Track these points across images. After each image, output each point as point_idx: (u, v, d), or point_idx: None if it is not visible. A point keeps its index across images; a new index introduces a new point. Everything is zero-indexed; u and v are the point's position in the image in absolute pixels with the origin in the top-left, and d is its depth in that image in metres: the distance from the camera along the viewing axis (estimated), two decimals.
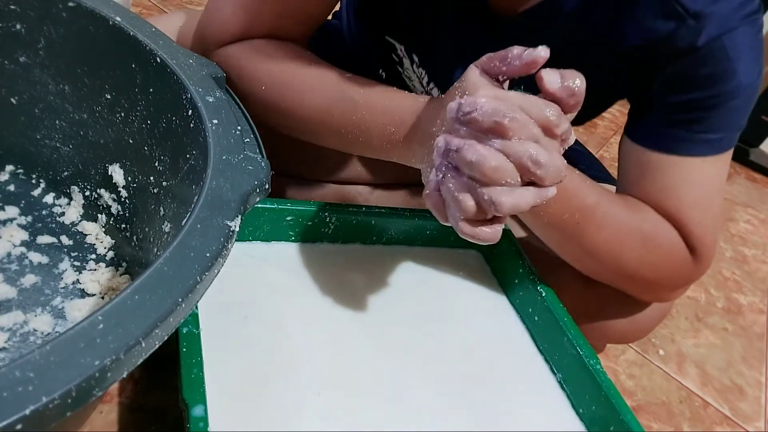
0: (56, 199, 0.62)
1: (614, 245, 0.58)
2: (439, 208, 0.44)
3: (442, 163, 0.43)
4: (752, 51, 0.55)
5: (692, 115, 0.56)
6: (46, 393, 0.25)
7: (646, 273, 0.60)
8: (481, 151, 0.40)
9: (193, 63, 0.52)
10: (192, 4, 1.41)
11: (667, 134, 0.58)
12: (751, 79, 0.55)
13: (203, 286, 0.34)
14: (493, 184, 0.40)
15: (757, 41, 0.55)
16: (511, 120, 0.40)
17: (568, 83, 0.42)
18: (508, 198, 0.41)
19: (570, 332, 0.59)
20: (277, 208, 0.60)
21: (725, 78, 0.54)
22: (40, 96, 0.58)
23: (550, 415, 0.57)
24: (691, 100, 0.56)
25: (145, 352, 0.30)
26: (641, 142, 0.59)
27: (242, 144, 0.45)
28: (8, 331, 0.49)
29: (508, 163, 0.40)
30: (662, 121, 0.58)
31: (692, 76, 0.55)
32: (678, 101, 0.57)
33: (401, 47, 0.66)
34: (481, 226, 0.43)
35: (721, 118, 0.57)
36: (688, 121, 0.57)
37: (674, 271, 0.61)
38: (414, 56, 0.66)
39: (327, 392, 0.50)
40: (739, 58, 0.54)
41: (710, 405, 0.87)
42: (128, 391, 0.55)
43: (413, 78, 0.70)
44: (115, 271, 0.58)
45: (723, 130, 0.57)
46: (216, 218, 0.37)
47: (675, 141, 0.57)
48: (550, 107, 0.42)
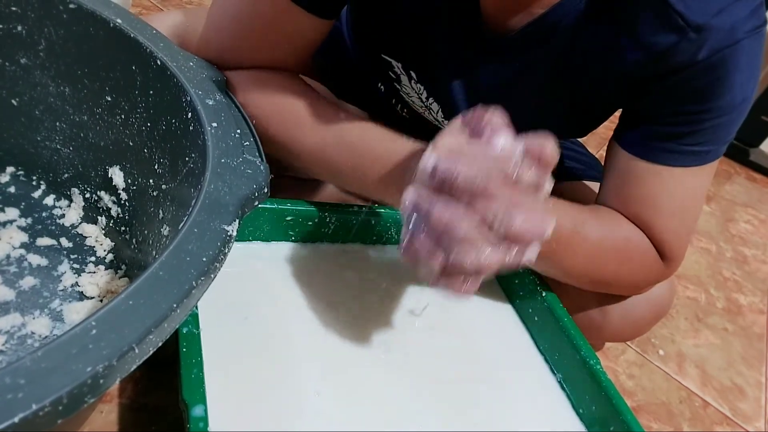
0: (56, 201, 0.62)
1: (589, 265, 0.59)
2: (413, 263, 0.43)
3: (410, 219, 0.42)
4: (751, 66, 0.54)
5: (683, 127, 0.56)
6: (36, 400, 0.25)
7: (622, 282, 0.63)
8: (449, 215, 0.39)
9: (193, 65, 0.52)
10: (192, 3, 1.41)
11: (656, 145, 0.58)
12: (746, 94, 0.55)
13: (199, 291, 0.33)
14: (461, 247, 0.39)
15: (757, 56, 0.54)
16: (483, 188, 0.39)
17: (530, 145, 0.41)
18: (474, 261, 0.39)
19: (570, 332, 0.60)
20: (276, 208, 0.60)
21: (721, 92, 0.54)
22: (40, 97, 0.58)
23: (550, 415, 0.57)
24: (683, 112, 0.56)
25: (138, 358, 0.29)
26: (628, 149, 0.59)
27: (241, 147, 0.45)
28: (6, 333, 0.49)
29: (476, 227, 0.39)
30: (652, 131, 0.58)
31: (688, 88, 0.54)
32: (670, 112, 0.56)
33: (398, 64, 0.66)
34: (456, 281, 0.41)
35: (711, 132, 0.56)
36: (679, 133, 0.56)
37: (647, 276, 0.63)
38: (412, 73, 0.66)
39: (327, 392, 0.50)
40: (738, 73, 0.53)
41: (710, 405, 0.87)
42: (128, 391, 0.55)
43: (412, 94, 0.69)
44: (114, 273, 0.58)
45: (712, 144, 0.57)
46: (213, 222, 0.37)
47: (663, 152, 0.57)
48: (518, 165, 0.41)
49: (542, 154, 0.40)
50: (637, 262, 0.61)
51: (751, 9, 0.51)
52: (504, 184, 0.40)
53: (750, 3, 0.51)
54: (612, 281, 0.62)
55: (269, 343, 0.52)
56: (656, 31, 0.52)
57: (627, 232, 0.60)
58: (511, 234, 0.39)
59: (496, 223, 0.39)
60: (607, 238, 0.59)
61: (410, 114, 0.76)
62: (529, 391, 0.58)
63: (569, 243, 0.57)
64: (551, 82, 0.59)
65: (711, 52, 0.51)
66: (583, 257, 0.59)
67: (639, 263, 0.61)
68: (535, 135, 0.41)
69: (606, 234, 0.59)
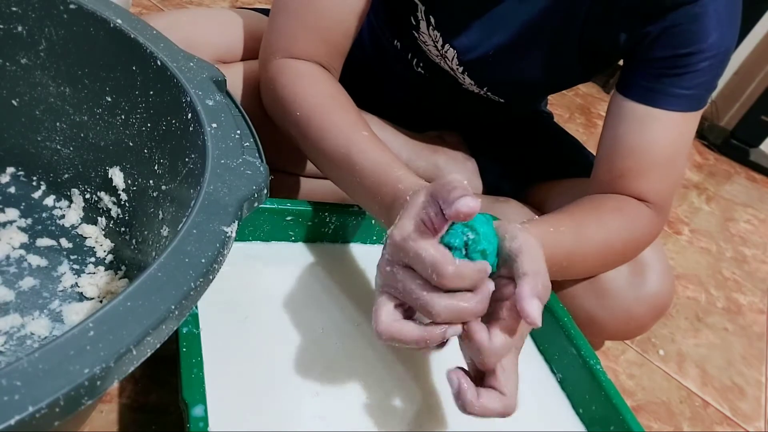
0: (56, 201, 0.62)
1: (600, 262, 0.64)
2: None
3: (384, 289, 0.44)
4: (732, 17, 0.61)
5: (678, 69, 0.62)
6: (33, 402, 0.24)
7: (629, 256, 0.68)
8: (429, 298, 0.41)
9: (193, 66, 0.52)
10: (192, 3, 1.41)
11: (656, 88, 0.63)
12: (728, 43, 0.62)
13: (198, 292, 0.33)
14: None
15: (737, 8, 0.61)
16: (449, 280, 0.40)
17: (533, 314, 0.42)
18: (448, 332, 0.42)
19: (570, 332, 0.60)
20: (277, 208, 0.60)
21: (707, 37, 0.60)
22: (40, 98, 0.58)
23: (550, 415, 0.57)
24: (672, 56, 0.61)
25: (136, 359, 0.29)
26: (630, 95, 0.64)
27: (241, 148, 0.45)
28: (5, 334, 0.49)
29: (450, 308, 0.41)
30: (651, 76, 0.63)
31: (679, 31, 0.60)
32: (661, 56, 0.62)
33: (422, 7, 0.69)
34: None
35: (702, 75, 0.62)
36: (674, 74, 0.62)
37: (648, 239, 0.68)
38: (431, 18, 0.69)
39: (326, 392, 0.50)
40: (724, 22, 0.60)
41: (710, 405, 0.87)
42: (128, 391, 0.55)
43: (429, 42, 0.72)
44: (114, 274, 0.58)
45: (702, 88, 0.63)
46: (212, 223, 0.37)
47: (662, 95, 0.63)
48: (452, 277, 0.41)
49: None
50: (638, 234, 0.65)
51: None
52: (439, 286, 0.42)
53: None
54: (621, 261, 0.67)
55: (269, 343, 0.52)
56: None
57: (625, 215, 0.64)
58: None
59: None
60: (610, 233, 0.62)
61: (426, 68, 0.79)
62: (529, 391, 0.58)
63: (576, 255, 0.59)
64: (563, 24, 0.65)
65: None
66: (593, 259, 0.62)
67: (640, 234, 0.65)
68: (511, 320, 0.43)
69: (608, 230, 0.62)
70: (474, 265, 0.41)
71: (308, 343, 0.53)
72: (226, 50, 0.74)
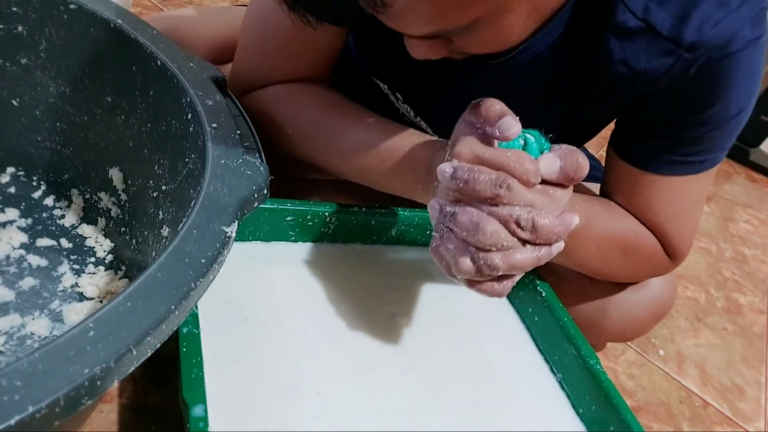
0: (56, 201, 0.62)
1: (598, 257, 0.61)
2: (443, 265, 0.45)
3: (439, 224, 0.43)
4: (749, 76, 0.52)
5: (677, 138, 0.55)
6: (33, 402, 0.24)
7: (628, 273, 0.65)
8: (475, 218, 0.40)
9: (193, 66, 0.52)
10: (192, 3, 1.41)
11: (650, 155, 0.57)
12: (742, 105, 0.53)
13: (197, 292, 0.33)
14: (490, 248, 0.41)
15: (756, 66, 0.52)
16: (505, 189, 0.40)
17: (567, 166, 0.42)
18: (505, 261, 0.41)
19: (570, 332, 0.60)
20: (277, 208, 0.60)
21: (715, 103, 0.52)
22: (41, 98, 0.58)
23: (550, 415, 0.57)
24: (676, 123, 0.55)
25: (136, 359, 0.29)
26: (624, 157, 0.59)
27: (241, 148, 0.45)
28: (5, 334, 0.49)
29: (503, 228, 0.40)
30: (646, 140, 0.57)
31: (681, 99, 0.53)
32: (664, 123, 0.55)
33: (384, 86, 0.67)
34: (490, 282, 0.43)
35: (707, 142, 0.55)
36: (672, 143, 0.56)
37: (652, 269, 0.65)
38: (398, 94, 0.67)
39: (327, 393, 0.50)
40: (734, 84, 0.51)
41: (710, 405, 0.87)
42: (128, 391, 0.55)
43: (402, 110, 0.70)
44: (114, 274, 0.58)
45: (707, 153, 0.56)
46: (212, 223, 0.37)
47: (658, 162, 0.57)
48: (536, 171, 0.41)
49: (576, 174, 0.42)
50: (643, 254, 0.62)
51: (751, 18, 0.49)
52: (524, 183, 0.41)
53: (751, 11, 0.49)
54: (618, 272, 0.64)
55: (269, 343, 0.52)
56: (650, 59, 0.51)
57: (635, 225, 0.61)
58: (537, 234, 0.41)
59: (522, 223, 0.40)
60: (616, 231, 0.60)
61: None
62: (529, 391, 0.58)
63: (580, 236, 0.57)
64: (542, 100, 0.60)
65: (705, 65, 0.50)
66: (593, 249, 0.60)
67: (645, 256, 0.62)
68: (568, 151, 0.42)
69: (615, 227, 0.60)
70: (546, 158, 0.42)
71: (308, 343, 0.53)
72: (226, 50, 0.74)
